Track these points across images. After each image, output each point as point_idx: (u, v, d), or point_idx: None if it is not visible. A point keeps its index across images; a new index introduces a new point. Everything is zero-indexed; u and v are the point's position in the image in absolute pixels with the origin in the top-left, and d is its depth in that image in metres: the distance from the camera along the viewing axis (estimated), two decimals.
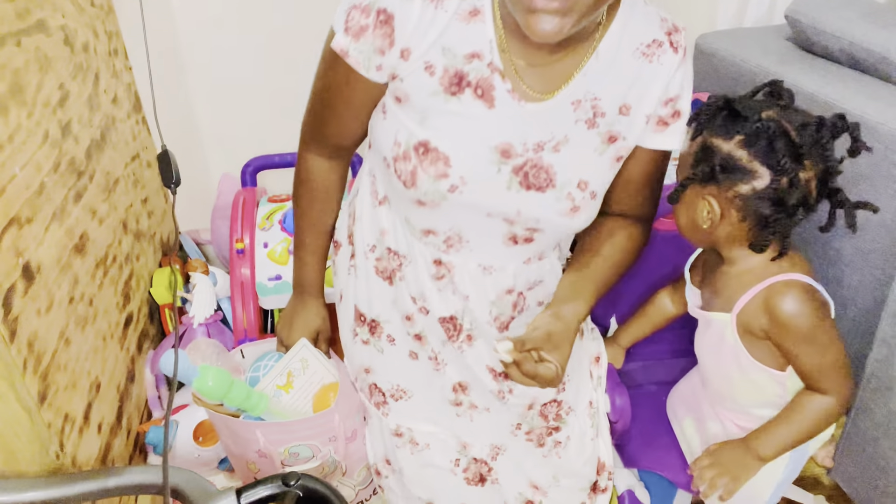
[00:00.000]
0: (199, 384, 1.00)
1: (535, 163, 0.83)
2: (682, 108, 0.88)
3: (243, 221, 1.55)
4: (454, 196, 0.84)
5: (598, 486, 1.12)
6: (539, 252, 0.94)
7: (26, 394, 0.95)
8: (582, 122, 0.83)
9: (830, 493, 1.42)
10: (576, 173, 0.85)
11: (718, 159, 0.90)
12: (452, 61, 0.79)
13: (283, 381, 1.10)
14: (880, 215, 1.18)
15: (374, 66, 0.82)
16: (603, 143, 0.85)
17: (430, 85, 0.80)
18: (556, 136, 0.83)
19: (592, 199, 0.88)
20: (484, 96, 0.80)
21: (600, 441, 1.12)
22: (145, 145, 1.70)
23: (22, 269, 0.99)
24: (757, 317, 0.96)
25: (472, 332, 0.97)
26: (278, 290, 1.53)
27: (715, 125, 0.92)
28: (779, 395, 1.02)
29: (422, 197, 0.85)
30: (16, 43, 1.07)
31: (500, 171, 0.83)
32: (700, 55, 1.73)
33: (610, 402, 1.16)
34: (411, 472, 1.09)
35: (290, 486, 0.77)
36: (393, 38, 0.79)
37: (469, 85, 0.80)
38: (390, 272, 0.97)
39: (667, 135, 0.89)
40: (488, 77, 0.80)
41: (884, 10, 1.39)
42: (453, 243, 0.90)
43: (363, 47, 0.81)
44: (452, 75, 0.80)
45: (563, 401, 1.06)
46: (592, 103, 0.83)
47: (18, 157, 1.02)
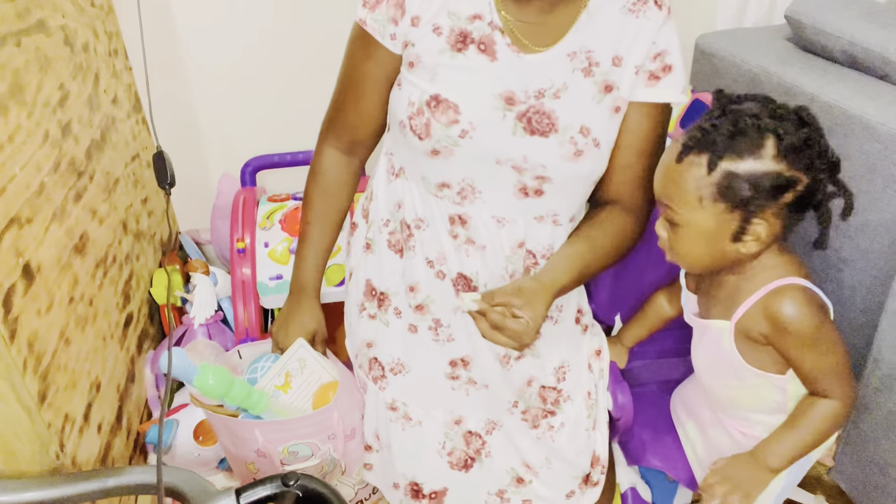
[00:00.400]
0: (200, 382, 1.00)
1: (537, 109, 0.90)
2: (671, 62, 0.92)
3: (244, 221, 1.55)
4: (465, 141, 0.91)
5: (591, 479, 1.12)
6: (552, 212, 0.97)
7: (26, 394, 0.95)
8: (578, 70, 0.91)
9: (830, 493, 1.42)
10: (577, 119, 0.91)
11: (767, 180, 0.87)
12: (457, 22, 0.90)
13: (281, 381, 1.10)
14: (880, 215, 1.18)
15: (389, 34, 0.94)
16: (600, 91, 0.91)
17: (439, 44, 0.91)
18: (556, 83, 0.90)
19: (596, 147, 0.92)
20: (486, 51, 0.90)
21: (598, 434, 1.12)
22: (145, 145, 1.70)
23: (22, 269, 0.99)
24: (757, 323, 0.96)
25: None
26: (279, 289, 1.54)
27: (733, 149, 0.88)
28: (778, 401, 1.02)
29: (435, 145, 0.92)
30: (16, 43, 1.07)
31: (505, 118, 0.90)
32: (700, 55, 1.73)
33: (612, 400, 1.16)
34: (398, 448, 1.11)
35: (290, 486, 0.77)
36: (404, 9, 0.92)
37: (473, 42, 0.90)
38: (401, 245, 1.03)
39: (659, 88, 0.92)
40: (490, 34, 0.90)
41: (884, 10, 1.39)
42: (467, 194, 0.96)
43: (378, 16, 0.94)
44: (458, 34, 0.90)
45: (562, 389, 1.07)
46: (587, 55, 0.90)
47: (18, 157, 1.03)
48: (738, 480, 1.03)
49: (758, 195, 0.88)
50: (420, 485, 1.12)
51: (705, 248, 0.95)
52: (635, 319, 1.27)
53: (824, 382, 0.96)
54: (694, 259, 0.98)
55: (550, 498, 1.11)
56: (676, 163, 0.91)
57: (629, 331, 1.27)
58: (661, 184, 0.95)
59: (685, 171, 0.91)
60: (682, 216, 0.93)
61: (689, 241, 0.95)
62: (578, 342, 1.11)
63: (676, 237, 0.96)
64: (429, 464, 1.11)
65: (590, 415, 1.10)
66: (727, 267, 0.98)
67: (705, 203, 0.90)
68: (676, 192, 0.92)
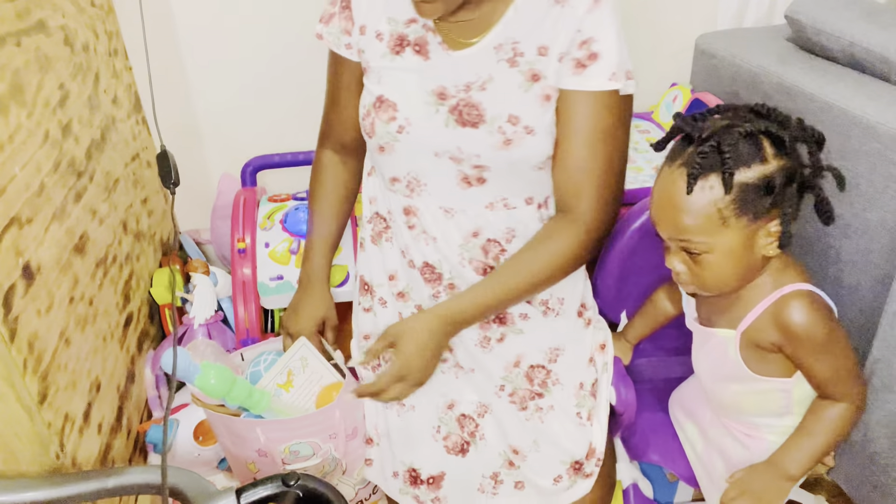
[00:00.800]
0: (202, 381, 1.00)
1: (466, 101, 0.95)
2: (598, 49, 0.91)
3: (244, 221, 1.55)
4: (403, 136, 0.97)
5: (584, 470, 1.12)
6: (501, 197, 0.99)
7: (26, 394, 0.95)
8: (503, 61, 0.94)
9: (830, 493, 1.42)
10: (504, 108, 0.94)
11: (778, 178, 0.88)
12: (396, 27, 0.97)
13: (283, 379, 1.10)
14: (880, 215, 1.18)
15: (344, 44, 1.02)
16: (526, 80, 0.94)
17: (381, 49, 0.98)
18: (482, 76, 0.94)
19: (528, 135, 0.94)
20: (421, 51, 0.96)
21: (595, 427, 1.12)
22: (145, 145, 1.70)
23: (22, 269, 0.99)
24: (766, 331, 0.95)
25: (454, 281, 1.03)
26: (280, 289, 1.53)
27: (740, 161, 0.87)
28: (783, 405, 1.01)
29: (379, 141, 1.00)
30: (16, 43, 1.07)
31: (437, 112, 0.96)
32: (700, 55, 1.73)
33: (616, 395, 1.17)
34: (396, 435, 1.12)
35: (290, 486, 0.77)
36: (353, 19, 1.00)
37: (409, 44, 0.97)
38: (381, 236, 1.09)
39: (585, 77, 0.92)
40: (423, 35, 0.96)
41: (884, 10, 1.39)
42: (414, 187, 1.01)
43: (332, 30, 1.03)
44: (396, 38, 0.97)
45: (551, 370, 1.08)
46: (512, 46, 0.93)
47: (18, 157, 1.03)
48: (760, 492, 1.02)
49: (774, 195, 0.88)
50: (418, 470, 1.13)
51: (736, 265, 0.93)
52: (638, 316, 1.27)
53: (836, 386, 0.96)
54: (724, 281, 0.95)
55: (539, 482, 1.12)
56: (688, 194, 0.89)
57: (632, 328, 1.28)
58: (672, 222, 0.92)
59: (699, 199, 0.89)
60: (705, 244, 0.91)
61: (719, 265, 0.93)
62: (580, 334, 1.12)
63: (702, 266, 0.94)
64: (425, 449, 1.13)
65: (579, 404, 1.11)
66: (753, 279, 0.97)
67: (730, 222, 0.89)
68: (695, 224, 0.90)
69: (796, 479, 1.01)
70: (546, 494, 1.13)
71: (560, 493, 1.13)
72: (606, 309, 1.33)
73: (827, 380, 0.96)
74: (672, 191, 0.91)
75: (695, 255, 0.93)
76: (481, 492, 1.14)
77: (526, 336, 1.07)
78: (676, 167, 0.91)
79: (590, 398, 1.12)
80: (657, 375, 1.35)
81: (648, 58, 1.89)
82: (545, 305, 1.06)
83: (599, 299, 1.27)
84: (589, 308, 1.14)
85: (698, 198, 0.89)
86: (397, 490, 1.17)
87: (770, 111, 0.92)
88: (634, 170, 1.59)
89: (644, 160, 1.64)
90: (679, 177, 0.90)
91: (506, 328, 1.06)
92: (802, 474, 1.01)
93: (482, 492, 1.14)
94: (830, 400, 0.98)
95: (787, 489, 1.02)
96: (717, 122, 0.92)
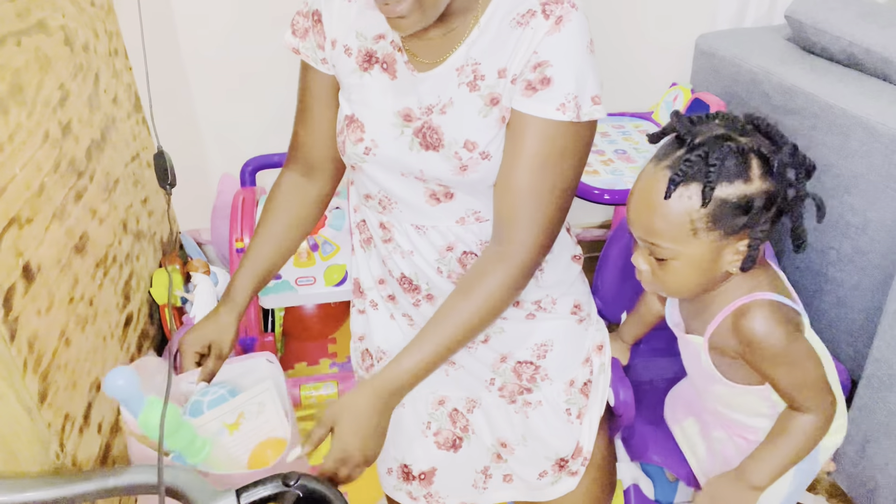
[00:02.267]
0: (144, 419, 0.92)
1: (428, 125, 0.93)
2: (552, 75, 0.87)
3: (243, 221, 1.56)
4: (370, 158, 0.96)
5: (569, 468, 1.12)
6: (472, 211, 0.98)
7: (26, 394, 0.95)
8: (464, 84, 0.91)
9: (830, 493, 1.42)
10: (461, 133, 0.92)
11: (758, 200, 0.87)
12: (364, 43, 0.96)
13: (232, 419, 1.02)
14: (880, 215, 1.18)
15: (320, 59, 1.00)
16: (486, 104, 0.91)
17: (350, 65, 0.97)
18: (443, 99, 0.92)
19: (484, 160, 0.92)
20: (388, 69, 0.95)
21: (585, 426, 1.13)
22: (145, 145, 1.70)
23: (22, 269, 0.99)
24: (727, 339, 0.95)
25: (431, 292, 1.03)
26: (278, 289, 1.54)
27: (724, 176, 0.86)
28: (768, 406, 1.01)
29: (349, 161, 0.99)
30: (16, 43, 1.07)
31: (403, 134, 0.94)
32: (700, 55, 1.73)
33: (614, 396, 1.17)
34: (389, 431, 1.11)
35: (290, 486, 0.77)
36: (325, 34, 0.98)
37: (377, 61, 0.95)
38: (367, 242, 1.09)
39: (534, 100, 0.88)
40: (391, 53, 0.94)
41: (884, 10, 1.39)
42: (385, 204, 1.00)
43: (308, 45, 1.01)
44: (365, 54, 0.96)
45: (540, 366, 1.08)
46: (473, 68, 0.91)
47: (18, 157, 1.03)
48: (727, 501, 1.02)
49: (749, 216, 0.87)
50: (409, 466, 1.13)
51: (697, 276, 0.93)
52: (631, 317, 1.27)
53: (800, 397, 0.96)
54: (683, 289, 0.96)
55: (525, 476, 1.13)
56: (665, 199, 0.88)
57: (627, 328, 1.28)
58: (645, 221, 0.92)
59: (675, 206, 0.88)
60: (671, 250, 0.91)
61: (681, 273, 0.93)
62: (572, 331, 1.12)
63: (665, 271, 0.94)
64: (415, 445, 1.13)
65: (568, 401, 1.11)
66: (714, 288, 0.97)
67: (700, 234, 0.89)
68: (666, 229, 0.90)
69: (761, 489, 1.01)
70: (532, 489, 1.13)
71: (544, 488, 1.13)
72: (606, 309, 1.33)
73: (788, 390, 0.95)
74: (651, 192, 0.91)
75: (662, 259, 0.93)
76: (473, 486, 1.14)
77: (509, 334, 1.07)
78: (661, 168, 0.90)
79: (580, 396, 1.12)
80: (656, 376, 1.35)
81: (648, 58, 1.90)
82: (537, 305, 1.06)
83: (599, 299, 1.27)
84: (583, 308, 1.14)
85: (674, 205, 0.88)
86: (392, 487, 1.18)
87: (769, 128, 0.90)
88: (635, 169, 1.59)
89: (644, 160, 1.63)
90: (661, 178, 0.89)
91: (488, 330, 1.06)
92: (768, 484, 1.01)
93: (474, 486, 1.14)
94: (797, 411, 0.97)
95: (753, 498, 1.02)
96: (712, 129, 0.90)
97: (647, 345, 1.35)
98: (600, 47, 0.95)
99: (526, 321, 1.07)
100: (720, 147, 0.86)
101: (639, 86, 1.92)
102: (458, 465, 1.13)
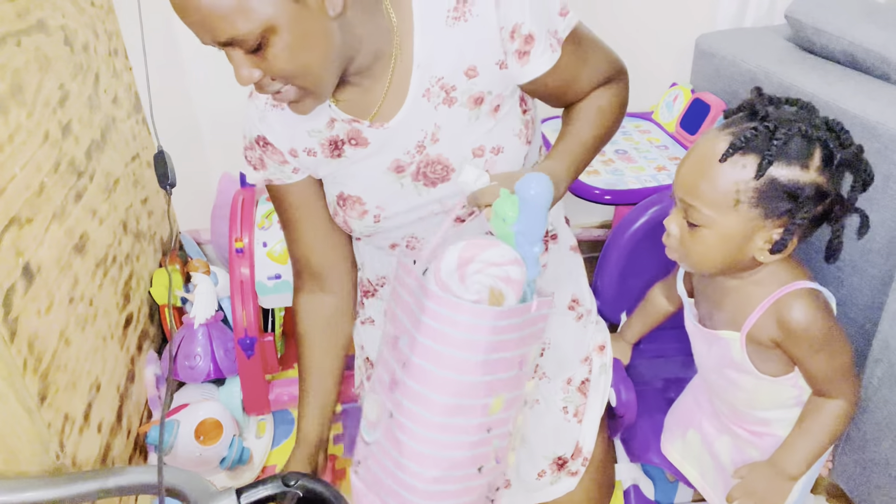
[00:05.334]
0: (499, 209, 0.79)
1: (426, 162, 0.91)
2: (530, 30, 0.86)
3: (242, 221, 1.55)
4: (382, 223, 0.95)
5: (568, 468, 1.12)
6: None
7: (26, 394, 0.95)
8: (441, 105, 0.89)
9: (830, 493, 1.42)
10: (465, 148, 0.91)
11: (807, 190, 0.85)
12: (321, 135, 0.92)
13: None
14: (880, 215, 1.18)
15: (290, 171, 0.97)
16: (471, 109, 0.90)
17: (320, 161, 0.94)
18: (427, 129, 0.90)
19: (499, 155, 0.92)
20: (358, 143, 0.91)
21: (585, 427, 1.12)
22: (145, 145, 1.70)
23: (22, 269, 0.99)
24: (767, 330, 0.94)
25: None
26: (278, 289, 1.53)
27: (784, 155, 0.85)
28: (794, 395, 1.01)
29: (360, 234, 0.98)
30: (16, 43, 1.07)
31: (403, 186, 0.93)
32: (700, 55, 1.73)
33: (616, 396, 1.17)
34: None
35: (291, 486, 0.77)
36: (279, 150, 0.94)
37: (344, 142, 0.92)
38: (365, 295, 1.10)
39: (532, 62, 0.88)
40: (351, 128, 0.91)
41: (884, 10, 1.39)
42: (414, 245, 0.99)
43: (272, 170, 0.97)
44: (329, 144, 0.93)
45: (538, 364, 1.08)
46: (440, 84, 0.88)
47: (18, 157, 1.03)
48: (763, 493, 1.02)
49: (795, 205, 0.86)
50: None
51: (724, 252, 0.91)
52: (635, 315, 1.27)
53: (832, 383, 0.96)
54: (707, 262, 0.94)
55: (523, 478, 1.13)
56: (720, 161, 0.86)
57: (630, 327, 1.27)
58: (691, 181, 0.90)
59: (727, 172, 0.87)
60: (707, 217, 0.89)
61: (709, 244, 0.91)
62: (570, 329, 1.12)
63: (694, 238, 0.92)
64: None
65: (566, 399, 1.11)
66: (734, 272, 0.96)
67: (741, 207, 0.87)
68: (710, 192, 0.88)
69: (797, 478, 1.01)
70: (531, 490, 1.13)
71: (543, 488, 1.13)
72: (606, 309, 1.33)
73: (823, 377, 0.96)
74: (707, 152, 0.89)
75: (693, 225, 0.92)
76: None
77: None
78: (725, 133, 0.88)
79: (578, 395, 1.12)
80: (657, 377, 1.35)
81: (648, 58, 1.89)
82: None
83: (599, 299, 1.27)
84: (582, 304, 1.14)
85: (727, 170, 0.87)
86: None
87: (841, 130, 0.88)
88: (636, 169, 1.59)
89: (645, 160, 1.64)
90: (722, 141, 0.88)
91: None
92: (803, 473, 1.01)
93: None
94: (825, 397, 0.98)
95: (789, 489, 1.02)
96: (788, 112, 0.89)
97: (649, 345, 1.35)
98: None
99: None
100: (790, 126, 0.85)
101: (639, 86, 1.90)
102: None
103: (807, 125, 0.85)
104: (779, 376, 0.98)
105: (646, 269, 1.27)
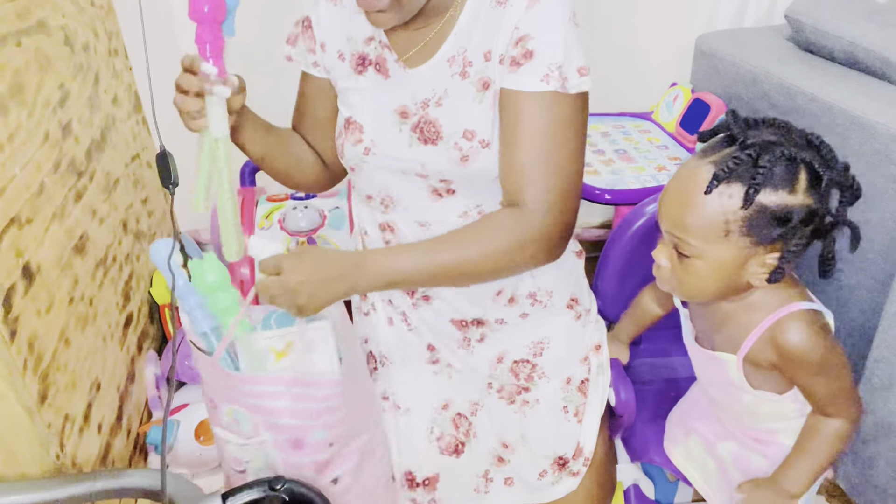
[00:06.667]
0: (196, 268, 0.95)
1: (425, 119, 0.95)
2: (534, 48, 0.87)
3: (242, 221, 1.55)
4: (370, 158, 0.98)
5: (569, 468, 1.12)
6: (475, 205, 0.98)
7: (26, 394, 0.95)
8: (457, 74, 0.93)
9: (830, 493, 1.42)
10: (459, 124, 0.93)
11: (798, 214, 0.83)
12: (356, 46, 0.98)
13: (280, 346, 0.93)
14: (880, 215, 1.18)
15: (311, 62, 1.04)
16: (479, 91, 0.92)
17: (344, 69, 1.00)
18: (437, 92, 0.94)
19: (484, 148, 0.93)
20: (381, 69, 0.97)
21: (585, 426, 1.12)
22: (145, 145, 1.70)
23: (22, 269, 0.99)
24: (764, 353, 0.93)
25: (428, 293, 1.05)
26: None
27: (770, 182, 0.83)
28: (797, 408, 1.00)
29: (349, 163, 1.01)
30: (16, 43, 1.07)
31: (401, 131, 0.96)
32: (700, 55, 1.73)
33: (615, 396, 1.16)
34: (394, 438, 1.13)
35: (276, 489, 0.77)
36: (314, 38, 1.01)
37: (370, 63, 0.97)
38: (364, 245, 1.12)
39: (518, 75, 0.88)
40: (382, 53, 0.96)
41: (884, 10, 1.39)
42: (388, 204, 1.02)
43: (298, 50, 1.05)
44: (357, 57, 0.98)
45: (537, 364, 1.09)
46: (462, 56, 0.92)
47: (18, 157, 1.03)
48: None
49: (786, 229, 0.84)
50: (414, 473, 1.13)
51: (718, 281, 0.90)
52: (626, 317, 1.26)
53: (832, 404, 0.94)
54: (701, 292, 0.93)
55: (526, 477, 1.12)
56: (705, 194, 0.84)
57: (622, 327, 1.27)
58: (676, 214, 0.89)
59: (713, 203, 0.85)
60: (697, 248, 0.88)
61: (702, 274, 0.90)
62: (569, 328, 1.12)
63: (686, 270, 0.91)
64: (419, 450, 1.13)
65: (565, 398, 1.11)
66: (729, 297, 0.95)
67: (731, 237, 0.85)
68: (697, 224, 0.86)
69: (799, 497, 1.00)
70: (533, 490, 1.13)
71: (545, 488, 1.13)
72: (606, 309, 1.32)
73: (823, 398, 0.94)
74: (690, 184, 0.87)
75: (683, 256, 0.90)
76: (475, 491, 1.14)
77: (505, 333, 1.07)
78: (706, 162, 0.86)
79: (577, 394, 1.12)
80: (657, 376, 1.35)
81: (648, 58, 1.89)
82: (533, 298, 1.06)
83: (599, 299, 1.27)
84: (581, 303, 1.14)
85: (712, 201, 0.85)
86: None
87: (822, 145, 0.86)
88: (635, 169, 1.59)
89: (645, 160, 1.64)
90: (705, 172, 0.85)
91: (484, 329, 1.07)
92: (805, 491, 1.00)
93: (476, 491, 1.14)
94: (826, 417, 0.97)
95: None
96: (766, 133, 0.87)
97: (649, 345, 1.35)
98: (601, 48, 0.96)
99: (522, 318, 1.07)
100: (772, 151, 0.83)
101: (639, 86, 1.92)
102: (460, 470, 1.13)
103: (789, 147, 0.83)
104: (779, 393, 0.98)
105: (646, 269, 1.26)
